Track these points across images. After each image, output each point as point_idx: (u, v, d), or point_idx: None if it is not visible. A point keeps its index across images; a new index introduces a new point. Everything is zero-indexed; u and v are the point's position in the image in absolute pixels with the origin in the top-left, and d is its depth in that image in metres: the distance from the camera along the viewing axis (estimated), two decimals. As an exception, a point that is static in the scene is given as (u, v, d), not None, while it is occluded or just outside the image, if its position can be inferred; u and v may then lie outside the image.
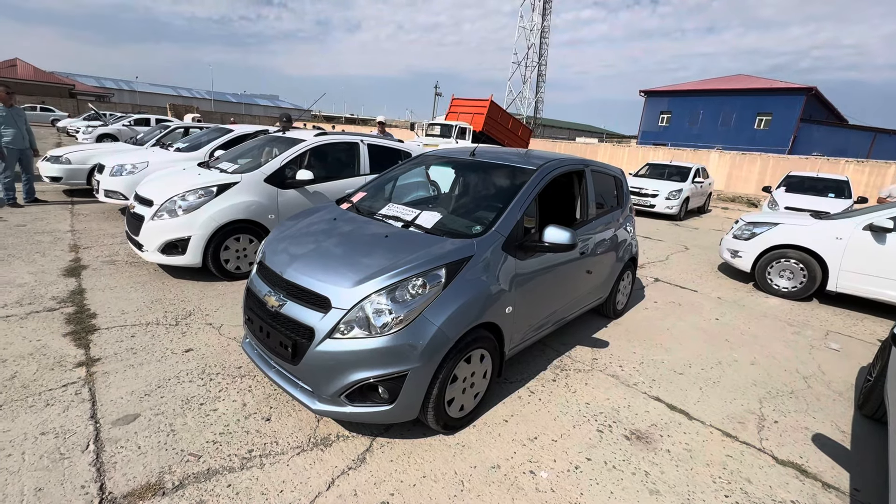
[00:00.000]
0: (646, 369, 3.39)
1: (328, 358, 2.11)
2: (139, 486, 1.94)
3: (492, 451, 2.35)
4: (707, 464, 2.39)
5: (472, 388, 2.51)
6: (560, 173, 3.16)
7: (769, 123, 31.77)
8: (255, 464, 2.13)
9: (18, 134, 6.69)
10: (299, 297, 2.26)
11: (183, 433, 2.29)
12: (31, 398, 2.46)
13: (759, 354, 3.82)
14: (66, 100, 36.25)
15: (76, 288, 3.98)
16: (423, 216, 2.75)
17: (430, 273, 2.23)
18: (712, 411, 2.90)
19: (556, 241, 2.61)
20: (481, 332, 2.42)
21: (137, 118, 17.86)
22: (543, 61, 55.54)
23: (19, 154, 6.78)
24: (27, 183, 7.03)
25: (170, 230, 4.14)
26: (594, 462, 2.33)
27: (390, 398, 2.14)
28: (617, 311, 4.32)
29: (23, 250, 4.86)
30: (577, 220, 3.43)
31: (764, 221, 5.81)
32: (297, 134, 5.39)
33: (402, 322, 2.10)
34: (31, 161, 7.06)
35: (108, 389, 2.59)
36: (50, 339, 3.09)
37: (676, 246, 8.09)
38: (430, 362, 2.15)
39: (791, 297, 5.46)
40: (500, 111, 19.46)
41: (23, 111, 7.02)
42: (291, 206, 4.72)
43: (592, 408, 2.82)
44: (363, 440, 2.35)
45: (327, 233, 2.70)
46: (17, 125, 6.68)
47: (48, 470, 1.99)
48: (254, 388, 2.73)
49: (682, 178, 11.83)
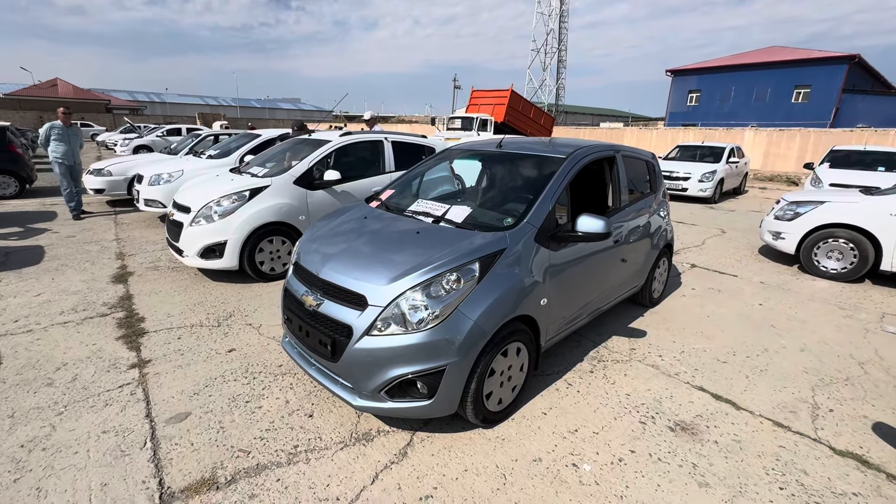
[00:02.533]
0: (687, 358, 3.29)
1: (367, 355, 2.14)
2: (195, 481, 2.03)
3: (532, 445, 2.33)
4: (759, 455, 2.30)
5: (510, 382, 2.50)
6: (590, 160, 3.09)
7: (808, 96, 30.05)
8: (301, 459, 2.19)
9: (70, 151, 7.08)
10: (336, 296, 2.30)
11: (232, 430, 2.38)
12: (91, 399, 2.61)
13: (808, 340, 3.64)
14: (103, 115, 38.04)
15: (124, 293, 4.19)
16: (453, 211, 2.74)
17: (464, 268, 2.22)
18: (761, 400, 2.79)
19: (589, 231, 2.56)
20: (517, 325, 2.40)
21: (169, 128, 18.60)
22: (563, 46, 54.35)
23: (69, 169, 7.15)
24: (76, 196, 7.39)
25: (207, 235, 4.29)
26: (638, 454, 2.28)
27: (429, 393, 2.15)
28: (653, 299, 4.20)
29: (74, 260, 5.15)
30: (610, 208, 3.35)
31: (808, 200, 5.51)
32: (322, 135, 5.47)
33: (438, 317, 2.11)
34: (80, 175, 7.44)
35: (160, 389, 2.72)
36: (104, 342, 3.27)
37: (712, 230, 7.80)
38: (467, 357, 2.15)
39: (840, 278, 5.17)
40: (521, 100, 19.17)
41: (80, 130, 7.45)
42: (321, 207, 4.80)
43: (633, 399, 2.76)
44: (404, 435, 2.38)
45: (359, 231, 2.73)
46: (71, 143, 7.10)
47: (111, 466, 2.11)
48: (295, 385, 2.80)
49: (715, 159, 11.36)
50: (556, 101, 55.12)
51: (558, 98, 55.74)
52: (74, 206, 7.31)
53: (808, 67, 29.81)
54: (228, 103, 65.92)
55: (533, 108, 20.10)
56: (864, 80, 31.42)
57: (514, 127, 18.40)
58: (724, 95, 33.77)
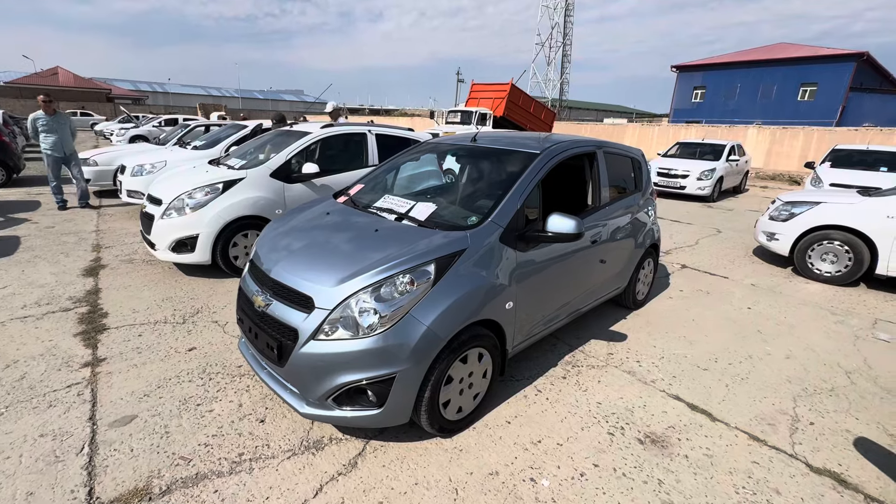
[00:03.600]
0: (666, 365, 3.15)
1: (313, 360, 2.02)
2: (126, 491, 1.92)
3: (491, 456, 2.21)
4: (729, 471, 2.17)
5: (471, 389, 2.37)
6: (567, 157, 2.94)
7: (814, 94, 29.63)
8: (244, 468, 2.08)
9: (58, 141, 6.77)
10: (285, 297, 2.17)
11: (177, 435, 2.27)
12: (35, 399, 2.50)
13: (795, 347, 3.50)
14: (104, 104, 37.91)
15: (93, 287, 4.08)
16: (417, 208, 2.60)
17: (418, 269, 2.09)
18: (739, 411, 2.65)
19: (559, 231, 2.42)
20: (479, 329, 2.27)
21: (167, 119, 18.45)
22: (568, 41, 53.74)
23: (60, 161, 6.89)
24: (80, 185, 7.14)
25: (179, 228, 4.16)
26: (602, 469, 2.16)
27: (379, 402, 2.03)
28: (637, 301, 4.06)
29: (49, 251, 5.04)
30: (589, 207, 3.20)
31: (804, 201, 5.35)
32: (304, 127, 5.32)
33: (388, 322, 1.98)
34: (77, 164, 7.08)
35: (109, 390, 2.61)
36: (61, 339, 3.16)
37: (707, 229, 7.63)
38: (419, 364, 2.02)
39: (834, 282, 5.02)
40: (521, 95, 18.91)
41: (67, 117, 7.04)
42: (299, 201, 4.66)
43: (604, 408, 2.63)
44: (356, 443, 2.26)
45: (318, 228, 2.60)
46: (59, 133, 6.75)
47: (42, 473, 2.00)
48: (252, 388, 2.69)
49: (715, 157, 11.15)
50: (560, 97, 54.60)
51: (562, 93, 55.21)
52: (80, 198, 7.14)
53: (816, 65, 29.37)
54: (231, 94, 65.63)
55: (533, 103, 19.84)
56: (872, 79, 30.93)
57: (514, 121, 18.17)
58: (729, 92, 33.34)
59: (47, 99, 6.77)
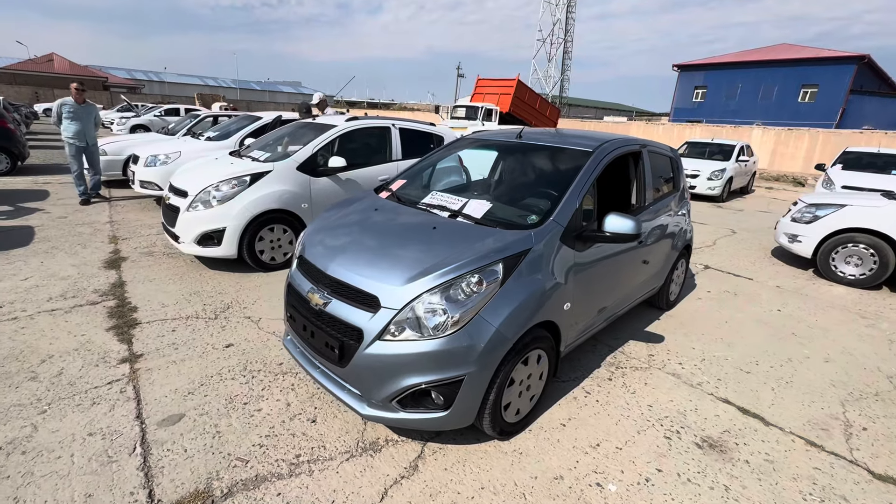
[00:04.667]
0: (708, 367, 3.13)
1: (378, 361, 1.96)
2: (188, 494, 1.86)
3: (552, 460, 2.17)
4: (793, 478, 2.15)
5: (528, 391, 2.33)
6: (617, 155, 2.89)
7: (815, 96, 29.76)
8: (303, 470, 2.02)
9: (82, 131, 6.58)
10: (345, 295, 2.11)
11: (228, 435, 2.21)
12: (77, 396, 2.43)
13: (832, 350, 3.49)
14: (100, 92, 37.33)
15: (117, 280, 3.99)
16: (470, 205, 2.54)
17: (487, 269, 2.04)
18: (790, 416, 2.63)
19: (618, 231, 2.37)
20: (539, 331, 2.22)
21: (167, 108, 18.16)
22: (570, 37, 53.58)
23: (82, 151, 6.69)
24: (94, 180, 6.98)
25: (205, 221, 4.07)
26: (666, 474, 2.13)
27: (445, 404, 1.98)
28: (669, 302, 4.04)
29: (65, 242, 4.93)
30: (634, 206, 3.16)
31: (828, 203, 5.33)
32: (327, 120, 5.23)
33: (457, 323, 1.93)
34: (97, 157, 6.95)
35: (152, 387, 2.54)
36: (94, 333, 3.08)
37: (722, 229, 7.63)
38: (487, 366, 1.97)
39: (858, 285, 5.02)
40: (527, 91, 18.84)
41: (95, 108, 6.88)
42: (324, 195, 4.59)
43: (656, 411, 2.60)
44: (414, 446, 2.22)
45: (369, 225, 2.53)
46: (83, 122, 6.58)
47: (97, 474, 1.93)
48: (297, 386, 2.63)
49: (724, 157, 11.15)
50: (560, 94, 54.48)
51: (562, 90, 55.09)
52: (91, 188, 6.88)
53: (817, 66, 29.47)
54: (228, 84, 64.88)
55: (539, 99, 19.77)
56: (872, 82, 31.11)
57: (520, 117, 18.08)
58: (730, 92, 33.41)
59: (81, 87, 6.58)
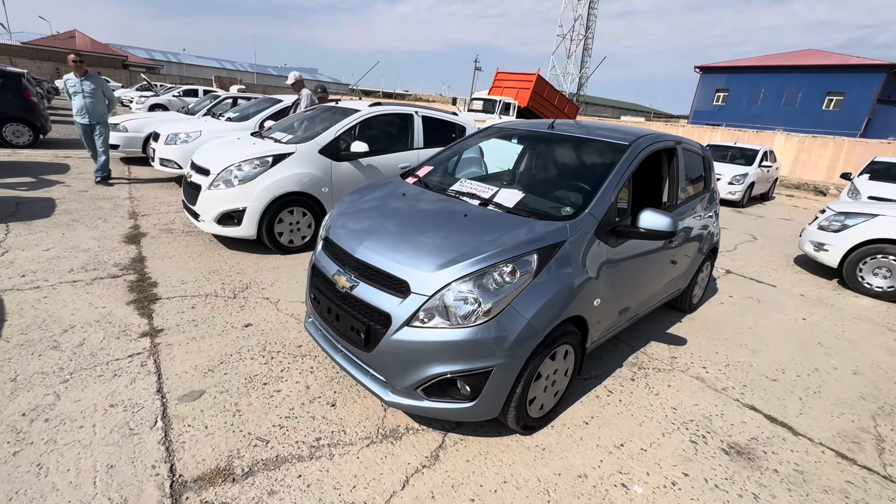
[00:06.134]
0: (733, 373, 3.05)
1: (405, 348, 1.92)
2: (209, 470, 1.85)
3: (576, 458, 2.13)
4: (825, 490, 2.08)
5: (553, 387, 2.28)
6: (653, 150, 2.80)
7: (839, 104, 29.03)
8: (324, 454, 2.00)
9: (83, 107, 6.05)
10: (373, 279, 2.07)
11: (249, 414, 2.19)
12: (99, 367, 2.42)
13: (860, 362, 3.39)
14: (120, 71, 37.59)
15: (137, 255, 3.99)
16: (502, 194, 2.48)
17: (521, 259, 1.98)
18: (819, 427, 2.56)
19: (653, 228, 2.30)
20: (568, 325, 2.17)
21: (186, 89, 18.25)
22: (590, 34, 52.79)
23: (87, 129, 6.23)
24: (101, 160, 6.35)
25: (226, 201, 4.06)
26: (693, 479, 2.07)
27: (472, 395, 1.94)
28: (692, 304, 3.95)
29: (86, 215, 4.96)
30: (665, 204, 3.07)
31: (858, 212, 5.18)
32: (350, 104, 5.18)
33: (488, 313, 1.88)
34: (104, 136, 6.31)
35: (172, 362, 2.53)
36: (115, 306, 3.08)
37: (743, 235, 7.48)
38: (516, 359, 1.92)
39: (885, 297, 4.88)
40: (546, 86, 18.61)
41: (100, 81, 6.22)
42: (345, 180, 4.55)
43: (680, 414, 2.54)
44: (435, 435, 2.18)
45: (398, 209, 2.48)
46: (84, 97, 6.02)
47: (118, 446, 1.93)
48: (316, 369, 2.60)
49: (746, 162, 10.91)
50: (579, 91, 53.80)
51: (580, 87, 54.37)
52: (96, 170, 6.34)
53: (844, 74, 28.72)
54: (245, 69, 64.98)
55: (558, 96, 19.52)
56: (901, 92, 30.25)
57: (538, 113, 17.88)
58: (752, 96, 32.72)
59: (77, 59, 5.97)
